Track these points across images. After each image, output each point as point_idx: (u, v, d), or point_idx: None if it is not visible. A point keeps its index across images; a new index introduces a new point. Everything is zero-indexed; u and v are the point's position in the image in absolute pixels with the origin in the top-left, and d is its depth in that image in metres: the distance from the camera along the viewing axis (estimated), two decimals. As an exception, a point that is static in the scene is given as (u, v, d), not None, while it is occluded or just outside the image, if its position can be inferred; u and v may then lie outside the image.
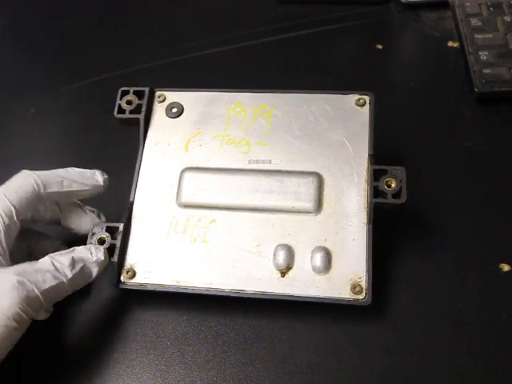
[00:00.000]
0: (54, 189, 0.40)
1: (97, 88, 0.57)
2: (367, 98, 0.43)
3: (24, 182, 0.39)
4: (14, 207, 0.38)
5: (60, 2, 0.65)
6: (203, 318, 0.42)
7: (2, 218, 0.37)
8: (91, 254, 0.38)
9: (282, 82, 0.54)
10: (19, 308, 0.34)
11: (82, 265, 0.37)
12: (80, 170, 0.42)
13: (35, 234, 0.43)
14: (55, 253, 0.37)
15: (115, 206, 0.45)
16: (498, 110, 0.50)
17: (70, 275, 0.36)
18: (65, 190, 0.41)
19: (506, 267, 0.42)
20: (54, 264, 0.36)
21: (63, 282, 0.36)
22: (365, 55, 0.57)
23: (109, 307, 0.42)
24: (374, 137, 0.42)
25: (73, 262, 0.37)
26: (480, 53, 0.51)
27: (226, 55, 0.58)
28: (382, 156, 0.42)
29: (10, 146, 0.54)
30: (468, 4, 0.54)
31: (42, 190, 0.39)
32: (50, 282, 0.35)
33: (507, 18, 0.53)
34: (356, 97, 0.44)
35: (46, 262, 0.36)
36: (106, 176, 0.43)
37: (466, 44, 0.53)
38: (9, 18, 0.64)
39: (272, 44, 0.58)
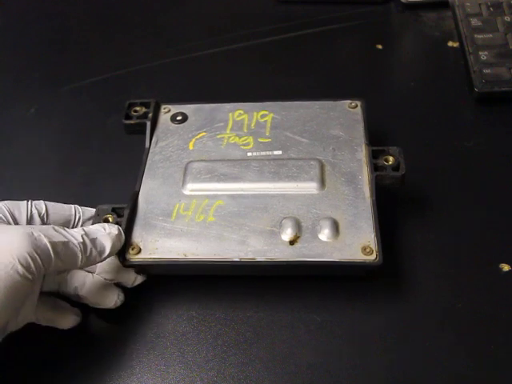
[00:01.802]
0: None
1: (97, 88, 0.57)
2: (358, 103, 0.47)
3: (66, 205, 0.42)
4: (46, 209, 0.40)
5: (60, 2, 0.65)
6: (203, 318, 0.42)
7: (31, 206, 0.40)
8: (104, 230, 0.39)
9: (282, 81, 0.54)
10: (27, 252, 0.34)
11: (94, 237, 0.38)
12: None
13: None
14: None
15: (118, 199, 0.45)
16: (498, 110, 0.50)
17: (80, 239, 0.37)
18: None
19: (506, 267, 0.42)
20: (65, 228, 0.37)
21: (74, 243, 0.37)
22: (365, 55, 0.57)
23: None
24: (374, 137, 0.43)
25: (84, 232, 0.38)
26: (480, 53, 0.51)
27: (226, 55, 0.58)
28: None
29: (10, 145, 0.54)
30: (468, 4, 0.54)
31: (81, 216, 0.42)
32: (60, 238, 0.36)
33: (507, 18, 0.53)
34: (348, 102, 0.47)
35: (59, 226, 0.38)
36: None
37: (466, 44, 0.53)
38: (9, 17, 0.65)
39: (272, 44, 0.58)
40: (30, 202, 0.40)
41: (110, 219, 0.41)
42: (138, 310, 0.43)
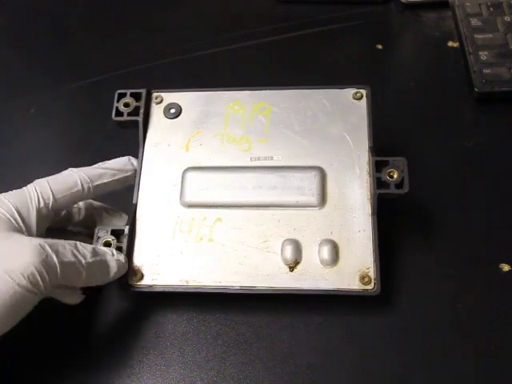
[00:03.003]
0: (103, 180, 0.41)
1: (97, 88, 0.57)
2: (364, 92, 0.44)
3: (69, 178, 0.41)
4: (53, 196, 0.39)
5: (60, 2, 0.65)
6: (203, 318, 0.42)
7: (38, 200, 0.39)
8: (112, 255, 0.39)
9: (282, 82, 0.54)
10: (36, 268, 0.34)
11: (102, 258, 0.38)
12: (113, 160, 0.43)
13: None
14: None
15: (116, 207, 0.45)
16: (498, 110, 0.50)
17: (89, 259, 0.37)
18: (110, 180, 0.42)
19: (505, 267, 0.42)
20: (77, 245, 0.37)
21: (81, 263, 0.36)
22: (365, 55, 0.57)
23: (108, 307, 0.42)
24: (374, 136, 0.43)
25: (94, 251, 0.38)
26: (480, 53, 0.51)
27: (226, 55, 0.58)
28: (381, 156, 0.41)
29: (10, 145, 0.54)
30: (468, 4, 0.54)
31: (90, 184, 0.41)
32: (69, 258, 0.36)
33: (507, 18, 0.53)
34: (353, 91, 0.44)
35: (70, 241, 0.37)
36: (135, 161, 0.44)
37: (466, 44, 0.53)
38: (9, 17, 0.64)
39: (272, 44, 0.58)
40: (36, 196, 0.39)
41: (112, 244, 0.40)
42: (138, 310, 0.43)
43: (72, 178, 0.41)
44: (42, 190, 0.39)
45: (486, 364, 0.39)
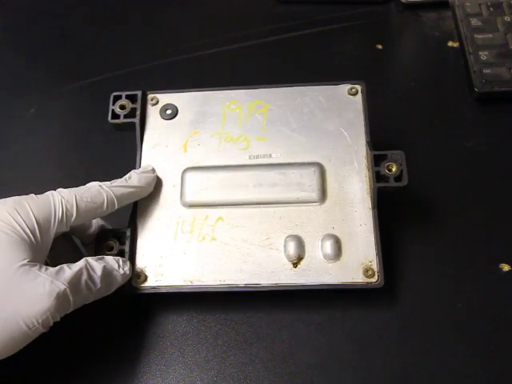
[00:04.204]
0: (126, 202, 0.41)
1: (97, 88, 0.57)
2: (359, 87, 0.44)
3: (98, 197, 0.39)
4: (77, 215, 0.38)
5: (60, 2, 0.65)
6: (203, 318, 0.42)
7: (61, 217, 0.37)
8: (119, 267, 0.38)
9: (282, 82, 0.54)
10: (51, 315, 0.34)
11: (110, 278, 0.38)
12: (138, 177, 0.42)
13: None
14: (91, 258, 0.37)
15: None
16: (498, 110, 0.50)
17: (98, 285, 0.37)
18: (132, 200, 0.42)
19: (506, 267, 0.42)
20: (88, 272, 0.36)
21: (92, 291, 0.36)
22: (365, 55, 0.57)
23: (107, 308, 0.42)
24: (374, 135, 0.43)
25: (104, 274, 0.37)
26: (480, 53, 0.51)
27: (226, 55, 0.58)
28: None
29: (10, 145, 0.54)
30: (468, 4, 0.54)
31: (115, 206, 0.40)
32: (82, 290, 0.36)
33: (507, 18, 0.53)
34: (348, 86, 0.45)
35: (81, 268, 0.36)
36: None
37: (466, 44, 0.53)
38: (9, 17, 0.64)
39: (272, 44, 0.58)
40: (60, 212, 0.37)
41: (114, 246, 0.40)
42: (138, 310, 0.43)
43: (100, 198, 0.39)
44: (68, 207, 0.37)
45: (486, 364, 0.39)
